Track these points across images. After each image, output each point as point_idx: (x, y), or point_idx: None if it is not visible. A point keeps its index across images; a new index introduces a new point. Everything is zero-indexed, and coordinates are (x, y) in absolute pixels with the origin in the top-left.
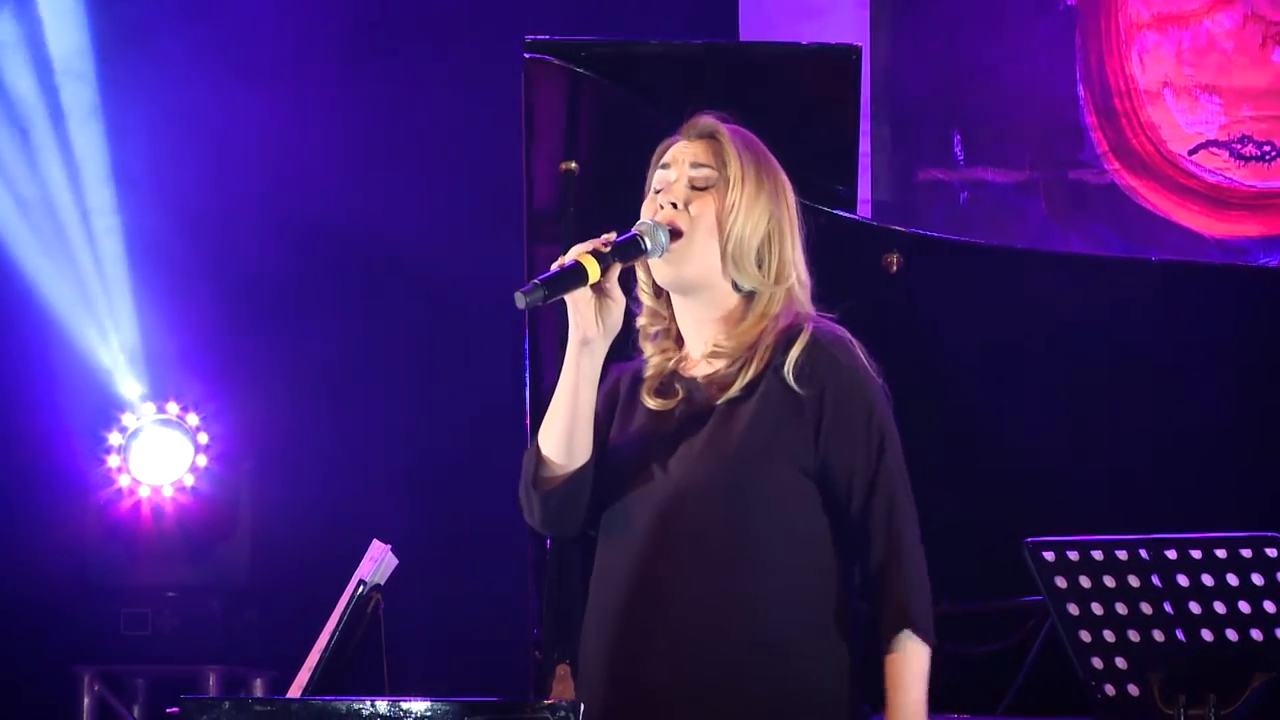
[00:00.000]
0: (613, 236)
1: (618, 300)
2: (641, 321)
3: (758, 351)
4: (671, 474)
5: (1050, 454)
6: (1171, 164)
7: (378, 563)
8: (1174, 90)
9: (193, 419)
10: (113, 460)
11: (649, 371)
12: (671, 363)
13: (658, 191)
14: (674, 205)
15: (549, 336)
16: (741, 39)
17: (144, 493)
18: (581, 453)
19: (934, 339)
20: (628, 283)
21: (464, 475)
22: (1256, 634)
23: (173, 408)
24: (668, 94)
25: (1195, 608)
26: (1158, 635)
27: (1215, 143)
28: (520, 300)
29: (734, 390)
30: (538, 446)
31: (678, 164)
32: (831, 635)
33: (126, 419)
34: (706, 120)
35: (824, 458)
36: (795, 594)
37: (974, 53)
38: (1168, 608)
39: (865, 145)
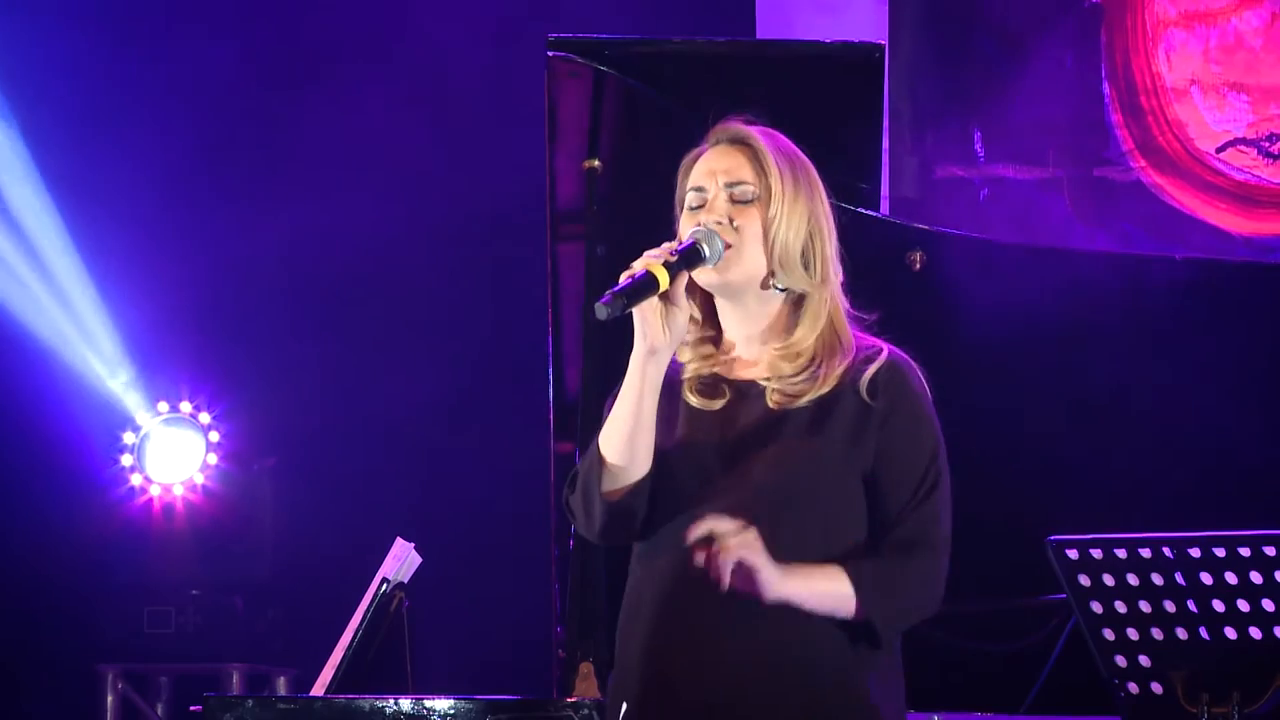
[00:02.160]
0: (674, 245)
1: (683, 308)
2: None
3: (831, 364)
4: (736, 475)
5: (1072, 451)
6: (1199, 161)
7: (401, 561)
8: (1201, 88)
9: (205, 418)
10: (126, 460)
11: (687, 373)
12: (711, 364)
13: (694, 208)
14: (718, 223)
15: (572, 336)
16: (759, 36)
17: (155, 491)
18: (644, 462)
19: (956, 337)
20: None
21: (488, 474)
22: None
23: (186, 406)
24: (691, 92)
25: (1219, 605)
26: (1181, 633)
27: (1243, 140)
28: (601, 312)
29: (806, 399)
30: (600, 455)
31: (712, 179)
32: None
33: (141, 419)
34: (736, 127)
35: (878, 469)
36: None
37: (995, 49)
38: (1191, 606)
39: (884, 141)
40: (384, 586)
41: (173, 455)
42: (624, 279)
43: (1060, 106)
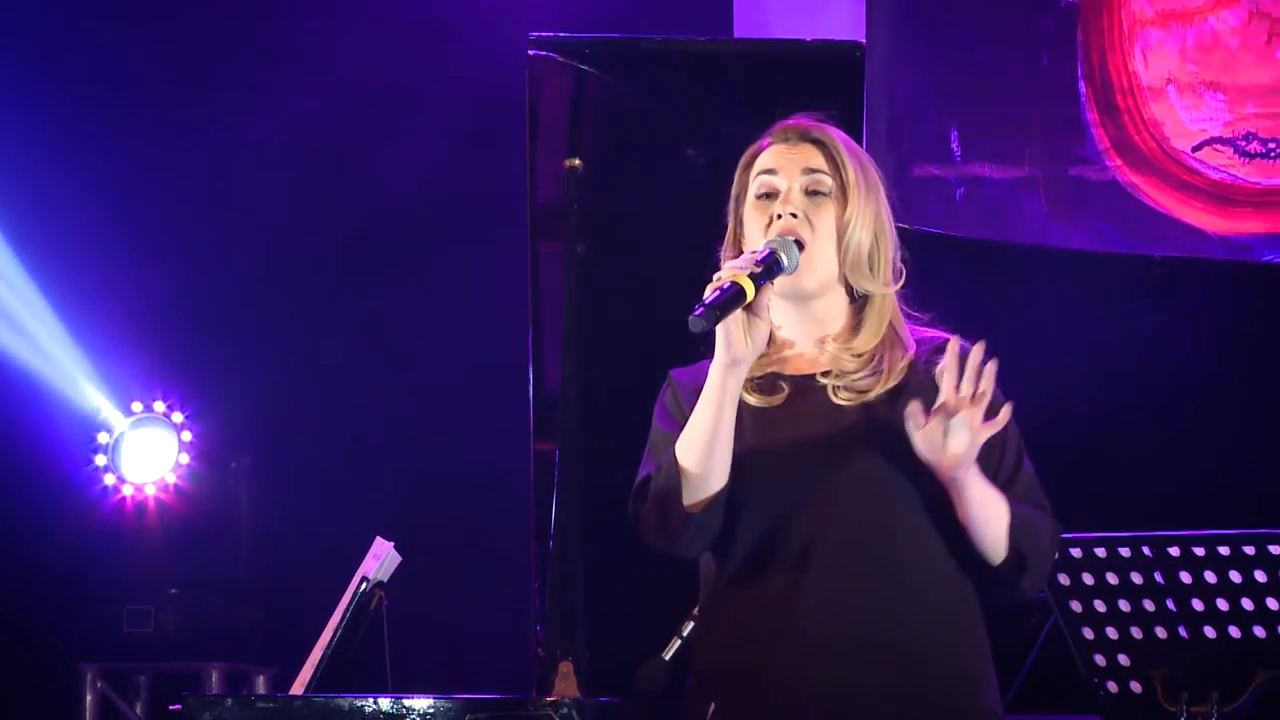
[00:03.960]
0: (756, 255)
1: (766, 320)
2: None
3: (894, 358)
4: (817, 475)
5: (1051, 451)
6: (1175, 160)
7: (381, 560)
8: (1178, 87)
9: (178, 417)
10: (100, 460)
11: None
12: (765, 364)
13: (762, 196)
14: (793, 215)
15: (552, 335)
16: (736, 35)
17: (129, 491)
18: (723, 474)
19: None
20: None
21: (468, 472)
22: (1259, 631)
23: (159, 406)
24: (671, 91)
25: (1198, 605)
26: (1161, 632)
27: (1219, 139)
28: (696, 325)
29: (875, 393)
30: (679, 467)
31: (786, 171)
32: (977, 639)
33: (115, 419)
34: (808, 124)
35: None
36: (942, 595)
37: (972, 48)
38: (1171, 605)
39: (861, 141)
40: (363, 585)
41: (146, 455)
42: (711, 291)
43: (1036, 105)
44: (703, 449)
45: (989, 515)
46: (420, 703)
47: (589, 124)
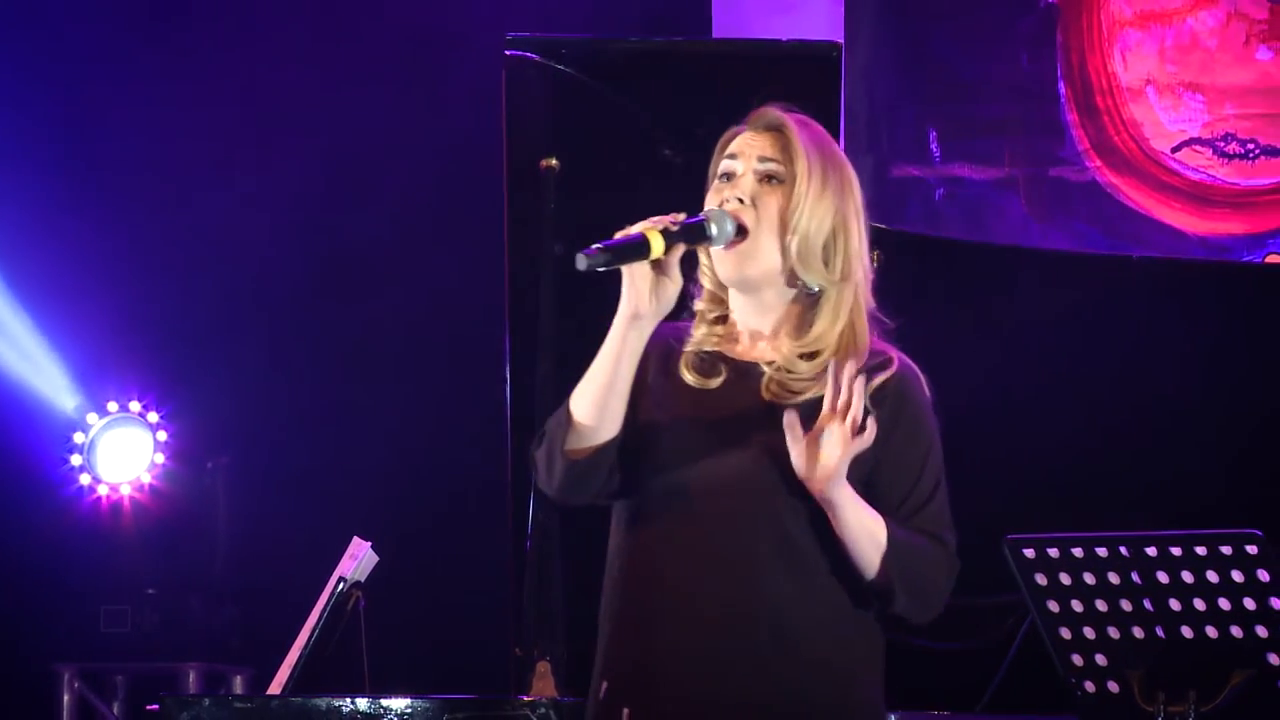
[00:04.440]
0: (681, 217)
1: (675, 281)
2: (700, 306)
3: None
4: (726, 459)
5: (1028, 451)
6: (1154, 161)
7: (358, 560)
8: (1157, 88)
9: (153, 417)
10: (76, 460)
11: (689, 345)
12: (714, 340)
13: (723, 176)
14: (740, 200)
15: (529, 335)
16: (715, 36)
17: (104, 491)
18: (612, 425)
19: (912, 336)
20: (689, 268)
21: (445, 472)
22: (1236, 631)
23: (135, 406)
24: (648, 91)
25: (1175, 605)
26: (1137, 632)
27: (1198, 140)
28: (582, 262)
29: (803, 398)
30: (569, 413)
31: (744, 156)
32: (865, 640)
33: (90, 419)
34: (773, 112)
35: (879, 477)
36: (831, 596)
37: (951, 49)
38: (1148, 605)
39: (840, 141)
40: (341, 585)
41: (122, 455)
42: (617, 236)
43: (1016, 106)
44: (594, 399)
45: (861, 537)
46: (398, 703)
47: (566, 124)
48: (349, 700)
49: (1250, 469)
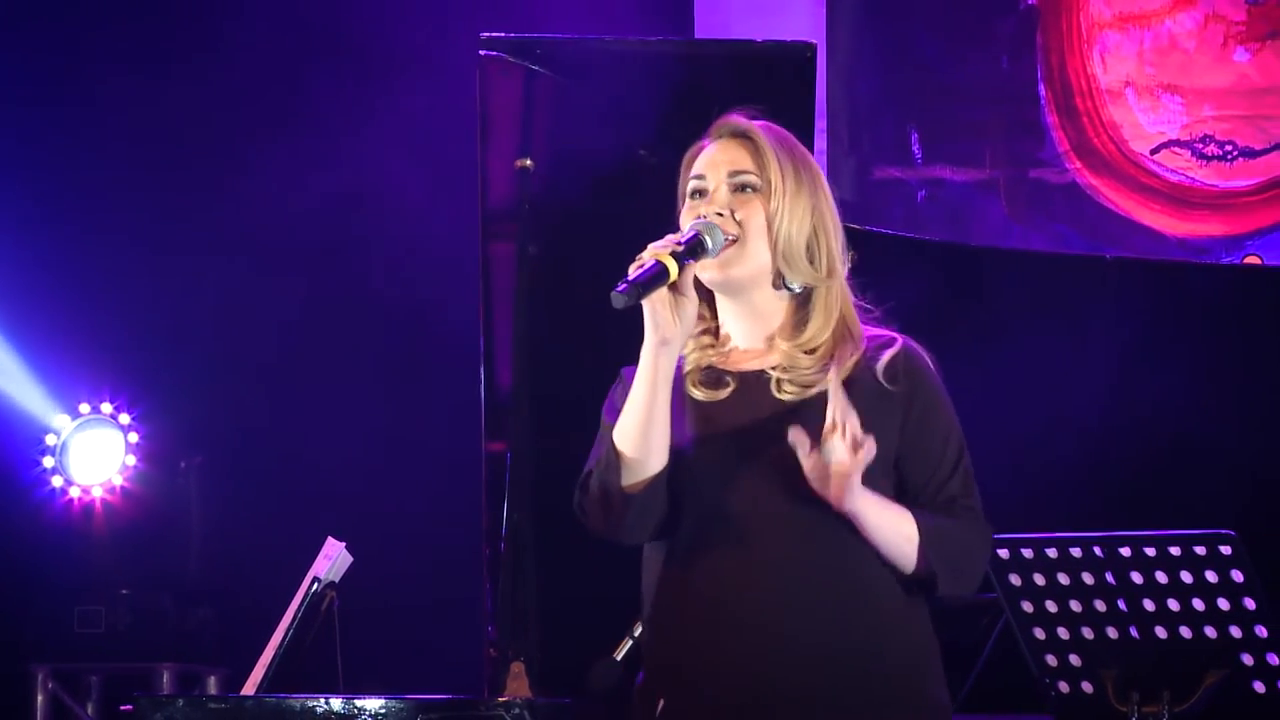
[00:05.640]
0: (679, 237)
1: (692, 299)
2: None
3: (843, 355)
4: (756, 469)
5: (1004, 452)
6: (1133, 163)
7: (332, 560)
8: (1136, 90)
9: (125, 419)
10: (48, 461)
11: (687, 366)
12: (711, 355)
13: (694, 194)
14: (719, 215)
15: (504, 335)
16: (697, 37)
17: (75, 493)
18: (660, 456)
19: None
20: None
21: (420, 473)
22: (1210, 631)
23: (107, 408)
24: (623, 91)
25: (1149, 605)
26: (1111, 632)
27: (1177, 142)
28: (618, 301)
29: (817, 389)
30: (616, 451)
31: (714, 170)
32: (917, 632)
33: (62, 420)
34: (737, 121)
35: (907, 450)
36: (884, 584)
37: (932, 51)
38: (1122, 605)
39: (822, 143)
40: (315, 585)
41: (94, 456)
42: (634, 270)
43: (996, 108)
44: (639, 431)
45: (892, 537)
46: (372, 703)
47: (540, 124)
48: (323, 700)
49: (1235, 472)
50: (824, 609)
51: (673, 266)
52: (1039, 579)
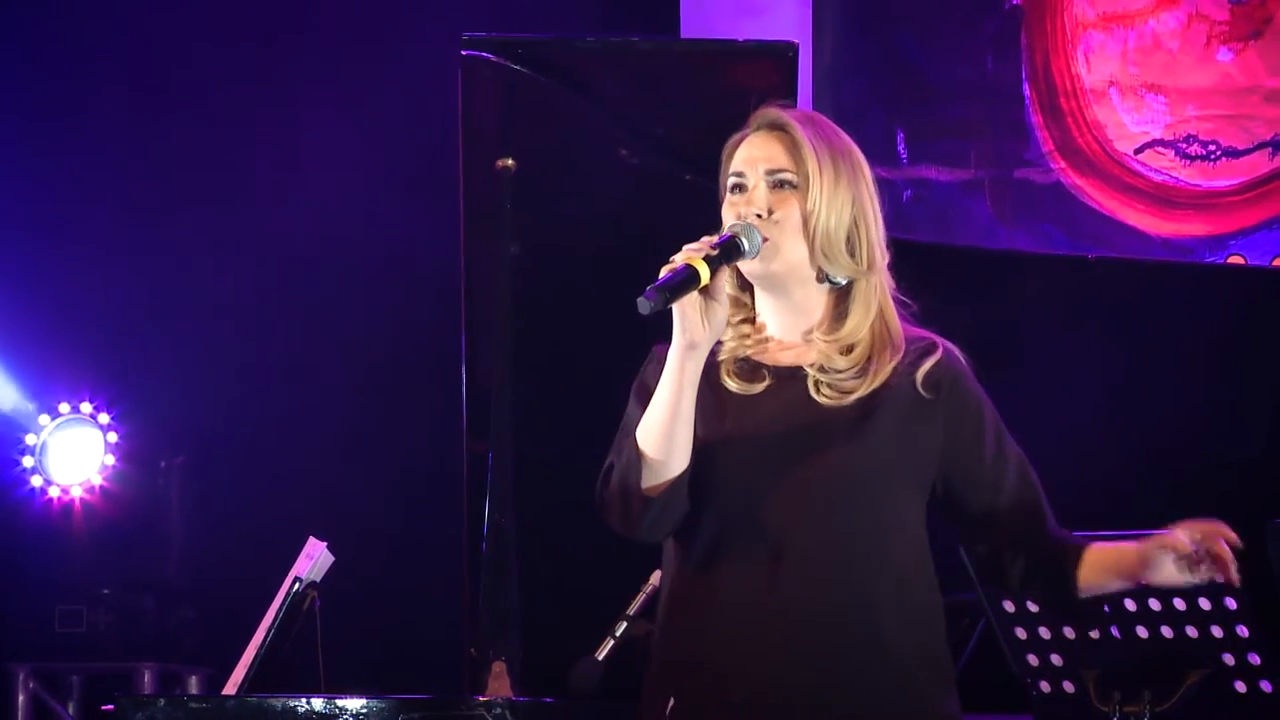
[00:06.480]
0: (714, 239)
1: (722, 303)
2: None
3: (882, 360)
4: (789, 471)
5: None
6: (1117, 163)
7: (314, 560)
8: (1120, 89)
9: (104, 418)
10: (28, 461)
11: (722, 355)
12: (748, 345)
13: (734, 189)
14: (757, 215)
15: (485, 335)
16: (683, 37)
17: (55, 492)
18: (682, 458)
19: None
20: None
21: (401, 472)
22: (1192, 631)
23: (86, 407)
24: (604, 91)
25: (1130, 605)
26: (1093, 632)
27: (1161, 142)
28: (644, 307)
29: (861, 391)
30: (639, 450)
31: (752, 168)
32: (934, 646)
33: (42, 420)
34: (774, 113)
35: (959, 457)
36: (906, 597)
37: (917, 51)
38: (1103, 605)
39: None
40: (296, 585)
41: (73, 456)
42: (665, 273)
43: (981, 108)
44: (662, 433)
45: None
46: (353, 703)
47: (522, 124)
48: (304, 700)
49: (1213, 472)
50: (845, 619)
51: (704, 270)
52: None
